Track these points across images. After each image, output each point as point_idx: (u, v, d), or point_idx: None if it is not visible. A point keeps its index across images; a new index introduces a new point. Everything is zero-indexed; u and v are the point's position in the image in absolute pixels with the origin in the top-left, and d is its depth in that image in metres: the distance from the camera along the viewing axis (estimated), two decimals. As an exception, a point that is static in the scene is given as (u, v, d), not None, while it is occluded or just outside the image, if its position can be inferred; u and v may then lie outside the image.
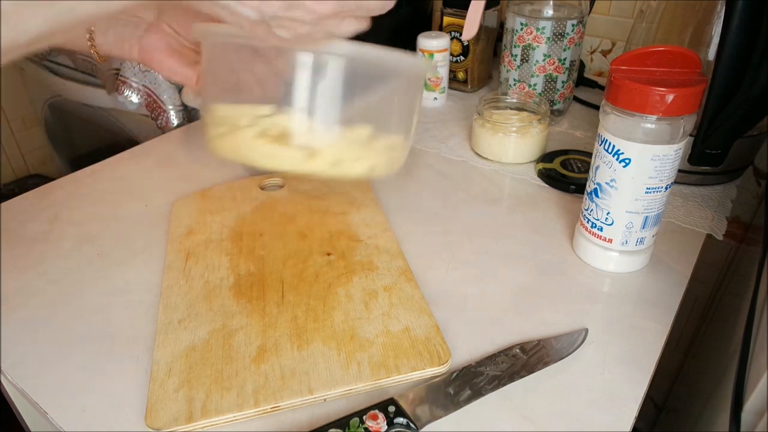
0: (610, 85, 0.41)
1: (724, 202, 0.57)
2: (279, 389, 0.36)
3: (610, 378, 0.38)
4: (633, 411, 0.36)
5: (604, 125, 0.43)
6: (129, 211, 0.57)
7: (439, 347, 0.39)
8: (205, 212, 0.54)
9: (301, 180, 0.59)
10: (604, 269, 0.48)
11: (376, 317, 0.42)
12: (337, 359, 0.38)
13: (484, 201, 0.58)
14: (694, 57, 0.41)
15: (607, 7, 0.83)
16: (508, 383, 0.37)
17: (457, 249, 0.51)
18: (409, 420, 0.34)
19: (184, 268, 0.47)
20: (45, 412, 0.37)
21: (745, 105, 0.44)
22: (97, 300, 0.45)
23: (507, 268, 0.48)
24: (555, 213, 0.56)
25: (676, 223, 0.54)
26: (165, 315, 0.42)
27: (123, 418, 0.36)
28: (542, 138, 0.64)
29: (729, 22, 0.42)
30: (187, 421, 0.34)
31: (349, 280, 0.45)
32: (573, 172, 0.60)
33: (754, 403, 0.35)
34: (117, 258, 0.50)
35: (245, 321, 0.42)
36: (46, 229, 0.54)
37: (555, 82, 0.70)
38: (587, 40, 0.86)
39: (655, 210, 0.44)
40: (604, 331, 0.42)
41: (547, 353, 0.39)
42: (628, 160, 0.42)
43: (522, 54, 0.69)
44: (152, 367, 0.38)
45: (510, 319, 0.43)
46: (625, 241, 0.46)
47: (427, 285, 0.46)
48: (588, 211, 0.47)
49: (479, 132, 0.65)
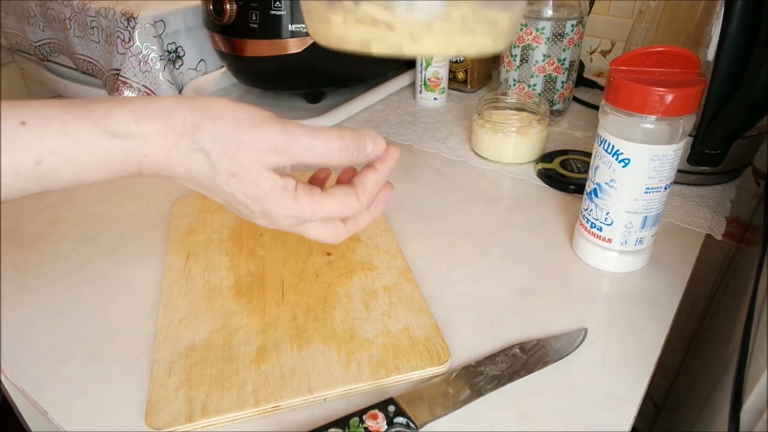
0: (609, 86, 0.42)
1: (724, 202, 0.57)
2: (279, 389, 0.36)
3: (610, 378, 0.38)
4: (632, 410, 0.36)
5: (604, 125, 0.43)
6: (129, 211, 0.57)
7: (439, 347, 0.39)
8: (205, 212, 0.55)
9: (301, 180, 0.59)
10: (603, 269, 0.48)
11: (375, 317, 0.42)
12: (337, 359, 0.38)
13: (484, 201, 0.58)
14: (694, 57, 0.41)
15: (607, 8, 0.83)
16: (507, 383, 0.37)
17: (456, 249, 0.51)
18: (409, 419, 0.34)
19: (185, 268, 0.47)
20: (45, 412, 0.37)
21: (745, 105, 0.44)
22: (97, 300, 0.45)
23: (507, 268, 0.48)
24: (554, 213, 0.56)
25: (676, 223, 0.54)
26: (165, 315, 0.42)
27: (123, 418, 0.36)
28: (542, 138, 0.64)
29: (728, 23, 0.42)
30: (187, 420, 0.34)
31: (348, 280, 0.45)
32: (572, 173, 0.60)
33: (753, 402, 0.35)
34: (117, 258, 0.50)
35: (245, 321, 0.42)
36: (46, 229, 0.54)
37: (554, 83, 0.70)
38: (587, 41, 0.86)
39: (654, 210, 0.44)
40: (604, 331, 0.42)
41: (547, 353, 0.39)
42: (627, 161, 0.42)
43: (521, 54, 0.69)
44: (152, 367, 0.38)
45: (509, 318, 0.43)
46: (624, 241, 0.46)
47: (427, 285, 0.46)
48: (587, 211, 0.47)
49: (479, 132, 0.65)
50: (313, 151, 0.31)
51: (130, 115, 0.29)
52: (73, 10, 0.87)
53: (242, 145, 0.30)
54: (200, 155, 0.30)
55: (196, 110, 0.30)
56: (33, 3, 0.96)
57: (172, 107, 0.30)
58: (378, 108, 0.79)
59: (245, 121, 0.30)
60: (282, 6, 0.68)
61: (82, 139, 0.28)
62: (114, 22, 0.81)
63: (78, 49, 0.91)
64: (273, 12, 0.68)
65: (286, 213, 0.33)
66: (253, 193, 0.31)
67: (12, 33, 1.08)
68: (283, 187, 0.32)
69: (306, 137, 0.31)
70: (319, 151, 0.31)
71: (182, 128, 0.30)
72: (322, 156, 0.32)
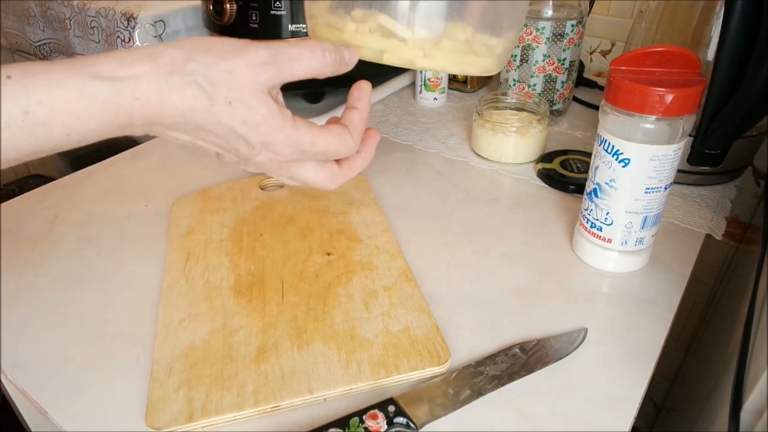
0: (609, 86, 0.42)
1: (724, 202, 0.57)
2: (279, 389, 0.36)
3: (610, 378, 0.38)
4: (632, 410, 0.36)
5: (604, 125, 0.43)
6: (129, 211, 0.57)
7: (439, 347, 0.39)
8: (205, 212, 0.55)
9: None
10: (603, 269, 0.48)
11: (375, 317, 0.42)
12: (337, 359, 0.38)
13: (484, 201, 0.58)
14: (694, 57, 0.41)
15: (607, 8, 0.83)
16: (507, 383, 0.37)
17: (456, 249, 0.51)
18: (409, 419, 0.34)
19: (184, 268, 0.47)
20: (45, 412, 0.37)
21: (745, 105, 0.44)
22: (97, 300, 0.45)
23: (506, 268, 0.48)
24: (554, 213, 0.56)
25: (676, 223, 0.54)
26: (165, 315, 0.42)
27: (123, 418, 0.36)
28: (542, 138, 0.64)
29: (728, 23, 0.42)
30: (187, 420, 0.34)
31: (348, 280, 0.45)
32: (572, 173, 0.60)
33: (753, 402, 0.35)
34: (117, 258, 0.50)
35: (245, 321, 0.42)
36: (47, 229, 0.54)
37: (554, 83, 0.70)
38: (587, 41, 0.86)
39: (654, 210, 0.44)
40: (604, 331, 0.42)
41: (547, 353, 0.39)
42: (627, 161, 0.42)
43: (521, 54, 0.69)
44: (152, 367, 0.38)
45: (509, 318, 0.43)
46: (624, 241, 0.46)
47: (427, 285, 0.46)
48: (587, 211, 0.47)
49: (479, 132, 0.65)
50: (299, 59, 0.33)
51: (115, 61, 0.29)
52: (73, 10, 0.87)
53: (235, 69, 0.31)
54: (194, 88, 0.30)
55: (185, 46, 0.30)
56: (33, 3, 0.96)
57: (158, 48, 0.30)
58: (378, 108, 0.79)
59: (233, 47, 0.31)
60: (282, 6, 0.68)
61: (69, 86, 0.28)
62: (114, 22, 0.81)
63: (78, 49, 0.91)
64: (273, 12, 0.68)
65: (286, 141, 0.33)
66: (252, 119, 0.32)
67: (12, 33, 1.08)
68: (280, 112, 0.33)
69: (290, 47, 0.33)
70: (305, 57, 0.33)
71: (172, 65, 0.30)
72: (309, 62, 0.33)
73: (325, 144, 0.35)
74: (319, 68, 0.34)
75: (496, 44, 0.42)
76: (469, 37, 0.40)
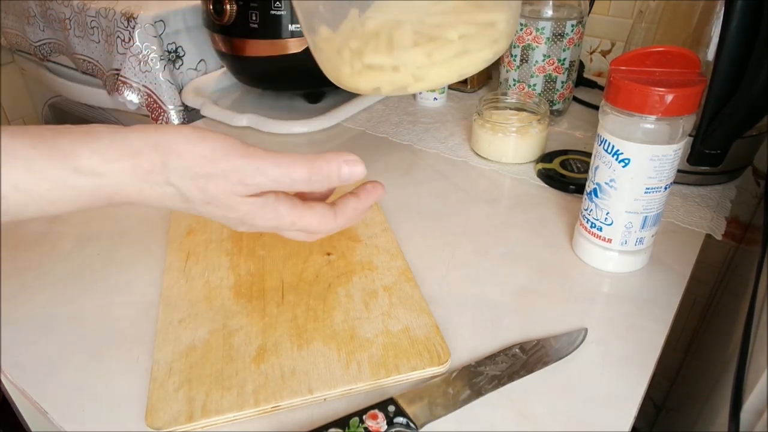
0: (609, 86, 0.42)
1: (723, 202, 0.57)
2: (279, 389, 0.36)
3: (610, 378, 0.38)
4: (632, 410, 0.36)
5: (604, 125, 0.43)
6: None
7: (439, 347, 0.39)
8: (205, 212, 0.55)
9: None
10: (603, 269, 0.48)
11: (375, 317, 0.42)
12: (337, 359, 0.38)
13: (484, 201, 0.58)
14: (694, 57, 0.41)
15: (607, 8, 0.83)
16: (507, 383, 0.37)
17: (456, 249, 0.51)
18: (409, 419, 0.34)
19: (184, 268, 0.47)
20: (45, 412, 0.37)
21: (745, 105, 0.44)
22: (97, 300, 0.45)
23: (506, 268, 0.48)
24: (554, 213, 0.56)
25: (676, 223, 0.54)
26: (165, 315, 0.42)
27: (123, 418, 0.36)
28: (542, 138, 0.64)
29: (728, 23, 0.42)
30: (187, 420, 0.34)
31: (348, 280, 0.45)
32: (572, 173, 0.60)
33: (753, 402, 0.35)
34: (117, 258, 0.50)
35: (245, 321, 0.42)
36: (46, 229, 0.54)
37: (554, 83, 0.70)
38: (587, 41, 0.86)
39: (654, 210, 0.44)
40: (604, 331, 0.42)
41: (547, 353, 0.39)
42: (627, 161, 0.42)
43: (521, 54, 0.69)
44: (152, 367, 0.38)
45: (509, 318, 0.43)
46: (624, 241, 0.46)
47: (427, 285, 0.46)
48: (587, 211, 0.47)
49: (479, 132, 0.65)
50: (281, 183, 0.32)
51: (96, 155, 0.29)
52: (73, 10, 0.87)
53: (210, 178, 0.31)
54: (171, 188, 0.31)
55: (160, 148, 0.30)
56: (33, 3, 0.96)
57: (137, 145, 0.30)
58: (378, 108, 0.79)
59: (210, 153, 0.31)
60: (282, 6, 0.68)
61: (48, 177, 0.28)
62: (114, 22, 0.81)
63: (78, 49, 0.91)
64: (273, 12, 0.68)
65: (268, 224, 0.34)
66: (233, 215, 0.33)
67: (12, 33, 1.08)
68: (261, 205, 0.33)
69: (274, 168, 0.31)
70: (287, 182, 0.32)
71: (150, 166, 0.30)
72: (291, 186, 0.32)
73: (305, 224, 0.35)
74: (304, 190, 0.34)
75: (496, 19, 0.41)
76: (463, 30, 0.39)
